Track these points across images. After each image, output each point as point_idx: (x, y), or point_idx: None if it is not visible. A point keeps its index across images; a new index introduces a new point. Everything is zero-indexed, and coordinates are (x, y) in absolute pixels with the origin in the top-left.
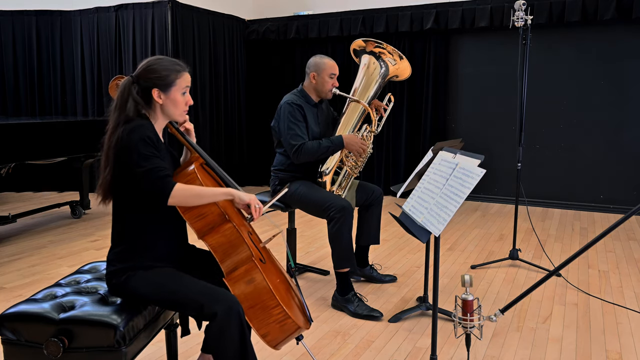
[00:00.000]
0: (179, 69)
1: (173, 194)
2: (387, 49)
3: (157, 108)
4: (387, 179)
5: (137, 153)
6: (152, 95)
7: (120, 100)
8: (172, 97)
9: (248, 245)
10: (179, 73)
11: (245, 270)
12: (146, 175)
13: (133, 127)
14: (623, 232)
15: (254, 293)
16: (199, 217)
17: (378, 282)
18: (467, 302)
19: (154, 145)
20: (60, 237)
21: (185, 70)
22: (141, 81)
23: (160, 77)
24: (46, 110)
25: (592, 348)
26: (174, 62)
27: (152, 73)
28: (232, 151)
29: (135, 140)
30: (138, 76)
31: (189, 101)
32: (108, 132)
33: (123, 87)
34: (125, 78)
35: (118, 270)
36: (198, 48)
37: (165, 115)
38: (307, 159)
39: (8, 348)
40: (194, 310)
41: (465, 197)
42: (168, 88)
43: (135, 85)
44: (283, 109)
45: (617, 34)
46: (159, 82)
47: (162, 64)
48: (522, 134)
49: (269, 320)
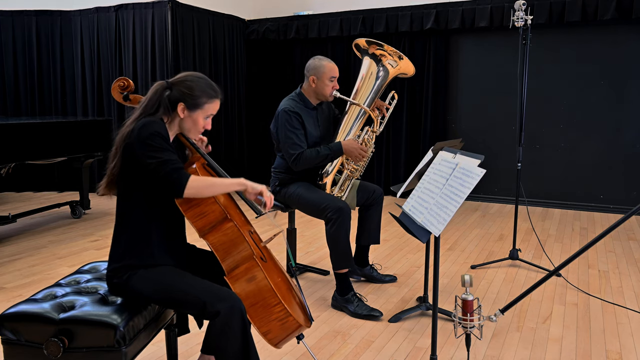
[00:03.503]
0: (213, 95)
1: (189, 184)
2: (387, 51)
3: (176, 119)
4: (387, 179)
5: (150, 145)
6: (177, 108)
7: (150, 100)
8: (194, 118)
9: (249, 244)
10: (210, 99)
11: (246, 268)
12: (161, 166)
13: (147, 122)
14: (623, 232)
15: (255, 291)
16: (200, 216)
17: (378, 282)
18: (467, 302)
19: (166, 140)
20: (60, 237)
21: (217, 98)
22: (174, 90)
23: (192, 96)
24: (46, 110)
25: (592, 348)
26: (210, 86)
27: (187, 89)
28: (232, 151)
29: (148, 133)
30: (173, 84)
31: (208, 126)
32: (125, 125)
33: (156, 89)
34: (160, 82)
35: (119, 268)
36: (198, 48)
37: (179, 128)
38: (306, 167)
39: (8, 348)
40: (196, 309)
41: (465, 197)
42: (195, 109)
43: (168, 91)
44: (280, 117)
45: (617, 34)
46: (189, 99)
47: (199, 84)
48: (522, 134)
49: (270, 318)
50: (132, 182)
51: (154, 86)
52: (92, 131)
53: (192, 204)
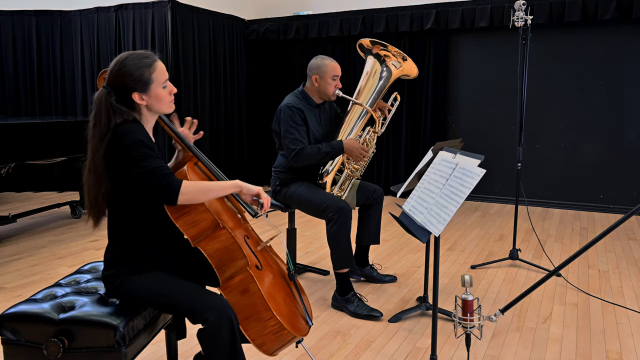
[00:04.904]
0: (149, 62)
1: (182, 190)
2: (392, 52)
3: (142, 109)
4: (387, 179)
5: (132, 157)
6: (134, 99)
7: (99, 115)
8: (154, 95)
9: (244, 252)
10: (151, 67)
11: (240, 280)
12: (149, 175)
13: (121, 133)
14: (623, 232)
15: (248, 304)
16: (191, 224)
17: (378, 282)
18: (467, 302)
19: (148, 147)
20: (60, 237)
21: (156, 61)
22: (117, 88)
23: (135, 79)
24: (46, 110)
25: (592, 348)
26: (142, 56)
27: (125, 77)
28: (232, 151)
29: (127, 145)
30: (111, 84)
31: (172, 90)
32: (91, 149)
33: (99, 101)
34: (98, 92)
35: (112, 274)
36: (198, 48)
37: (152, 113)
38: (306, 163)
39: (8, 348)
40: (187, 314)
41: (465, 197)
42: (147, 87)
43: (112, 94)
44: (283, 112)
45: (617, 34)
46: (137, 83)
47: (132, 63)
48: (522, 134)
49: (265, 332)
50: (121, 193)
51: (96, 98)
52: None
53: (182, 212)
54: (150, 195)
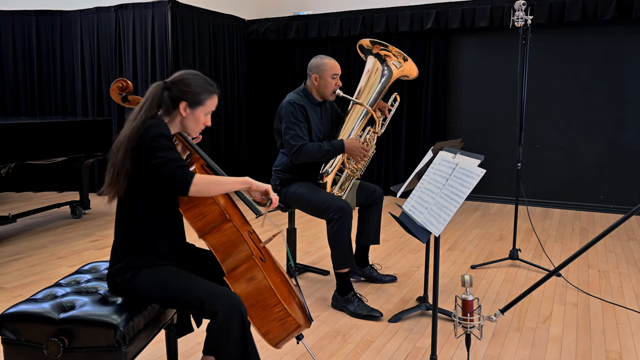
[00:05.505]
0: (212, 90)
1: (194, 181)
2: (392, 52)
3: (177, 118)
4: (387, 179)
5: (154, 147)
6: (179, 107)
7: (150, 102)
8: (196, 115)
9: (248, 244)
10: (210, 94)
11: (246, 268)
12: (166, 164)
13: (152, 124)
14: (623, 232)
15: (254, 291)
16: (199, 217)
17: (378, 282)
18: (467, 302)
19: (170, 140)
20: (60, 237)
21: (216, 93)
22: (173, 90)
23: (193, 94)
24: (46, 110)
25: (592, 348)
26: (208, 82)
27: (186, 87)
28: (232, 151)
29: (152, 135)
30: (171, 84)
31: (208, 122)
32: (131, 130)
33: (155, 90)
34: (157, 83)
35: (122, 268)
36: (198, 48)
37: (181, 127)
38: (306, 161)
39: (8, 348)
40: (196, 308)
41: (465, 197)
42: (196, 106)
43: (167, 91)
44: (285, 109)
45: (617, 34)
46: (190, 97)
47: (198, 81)
48: (522, 134)
49: (270, 319)
50: (136, 183)
51: (152, 87)
52: (92, 131)
53: (191, 205)
54: (164, 183)
